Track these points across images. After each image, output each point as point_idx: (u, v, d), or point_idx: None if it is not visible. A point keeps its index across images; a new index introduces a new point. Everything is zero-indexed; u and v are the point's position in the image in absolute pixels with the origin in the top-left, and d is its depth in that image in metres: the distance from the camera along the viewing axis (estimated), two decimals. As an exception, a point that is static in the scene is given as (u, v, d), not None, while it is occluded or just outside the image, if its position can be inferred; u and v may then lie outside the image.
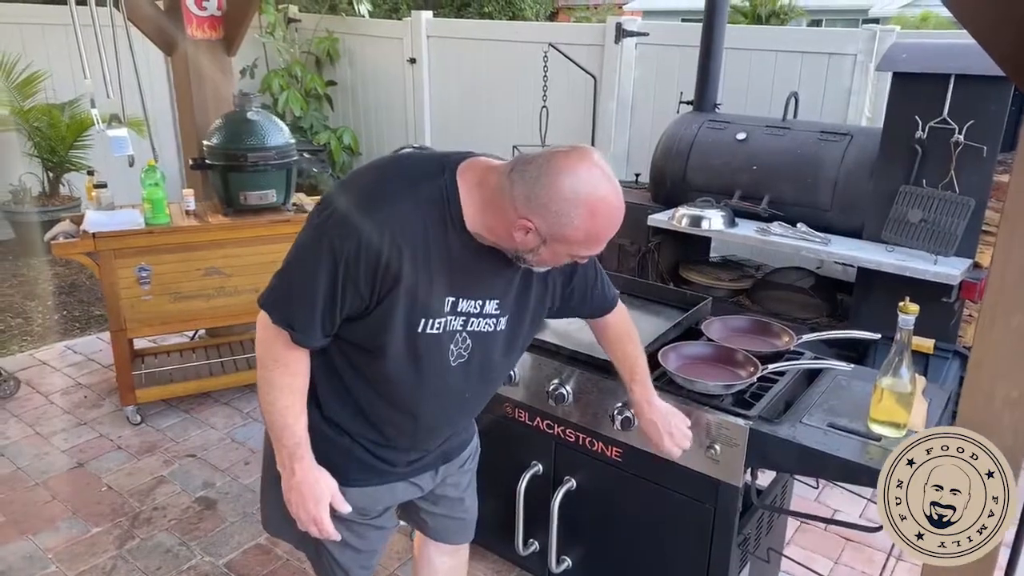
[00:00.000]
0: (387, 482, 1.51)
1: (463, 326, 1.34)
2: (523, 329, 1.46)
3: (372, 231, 1.21)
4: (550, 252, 1.24)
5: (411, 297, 1.25)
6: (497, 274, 1.35)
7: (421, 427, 1.45)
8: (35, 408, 3.35)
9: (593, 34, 5.04)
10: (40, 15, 5.81)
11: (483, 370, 1.43)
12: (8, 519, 2.60)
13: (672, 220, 3.25)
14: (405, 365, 1.33)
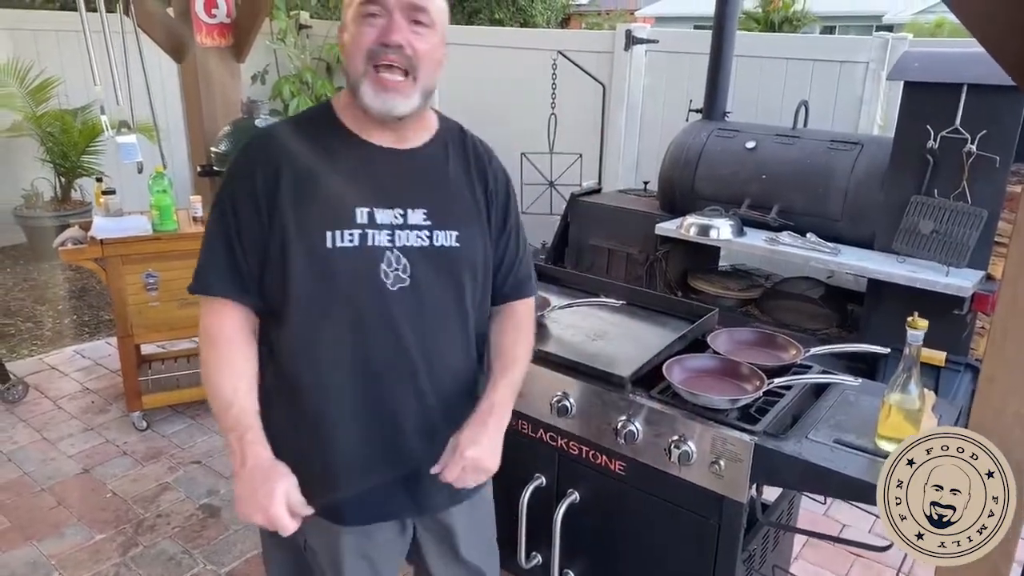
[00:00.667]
0: (345, 518, 1.33)
1: (390, 240, 1.23)
2: (479, 251, 1.33)
3: (252, 152, 1.25)
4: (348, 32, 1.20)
5: (304, 209, 1.20)
6: (413, 178, 1.28)
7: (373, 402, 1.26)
8: (43, 413, 3.36)
9: (603, 41, 5.03)
10: (54, 22, 5.87)
11: (437, 303, 1.28)
12: (13, 524, 2.60)
13: (680, 229, 3.23)
14: (327, 292, 1.21)
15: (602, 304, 2.18)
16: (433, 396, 1.32)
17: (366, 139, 1.25)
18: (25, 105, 5.31)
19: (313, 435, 1.29)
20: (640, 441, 1.73)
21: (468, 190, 1.34)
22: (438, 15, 1.23)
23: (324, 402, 1.27)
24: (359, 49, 1.17)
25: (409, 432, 1.32)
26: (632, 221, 3.62)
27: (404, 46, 1.17)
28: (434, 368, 1.31)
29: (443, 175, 1.31)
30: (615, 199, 3.95)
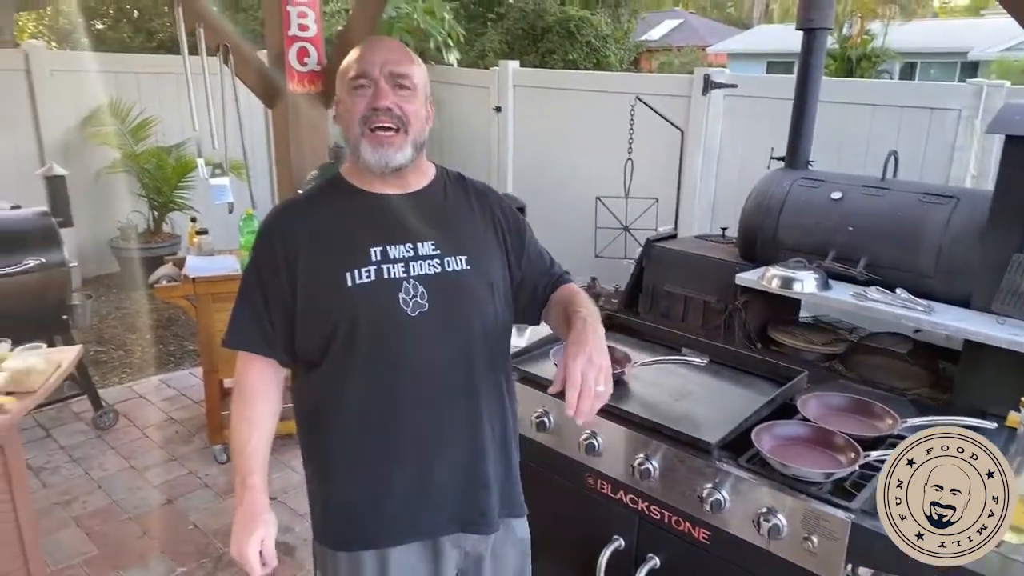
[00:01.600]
0: (386, 539, 1.41)
1: (404, 271, 1.36)
2: (494, 270, 1.45)
3: (270, 223, 1.41)
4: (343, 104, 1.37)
5: (325, 258, 1.35)
6: (418, 217, 1.41)
7: (407, 425, 1.37)
8: (131, 441, 3.50)
9: (680, 85, 5.02)
10: (155, 65, 6.25)
11: (459, 322, 1.39)
12: (102, 552, 2.70)
13: (762, 280, 3.15)
14: (357, 331, 1.32)
15: (686, 361, 2.15)
16: (471, 407, 1.42)
17: (372, 191, 1.41)
18: (125, 143, 5.65)
19: (356, 464, 1.40)
20: (727, 510, 1.68)
21: (471, 221, 1.47)
22: (418, 79, 1.39)
23: (362, 431, 1.38)
24: (354, 116, 1.34)
25: (454, 444, 1.42)
26: (710, 268, 3.55)
27: (392, 108, 1.33)
28: (468, 380, 1.41)
29: (445, 210, 1.46)
30: (692, 245, 3.88)
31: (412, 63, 1.39)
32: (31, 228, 3.33)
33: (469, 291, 1.40)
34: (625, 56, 10.90)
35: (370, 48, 1.38)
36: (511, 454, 1.56)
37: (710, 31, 23.33)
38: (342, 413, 1.38)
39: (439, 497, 1.42)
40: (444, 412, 1.40)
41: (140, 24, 12.99)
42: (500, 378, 1.50)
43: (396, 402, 1.37)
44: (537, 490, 2.16)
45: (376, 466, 1.39)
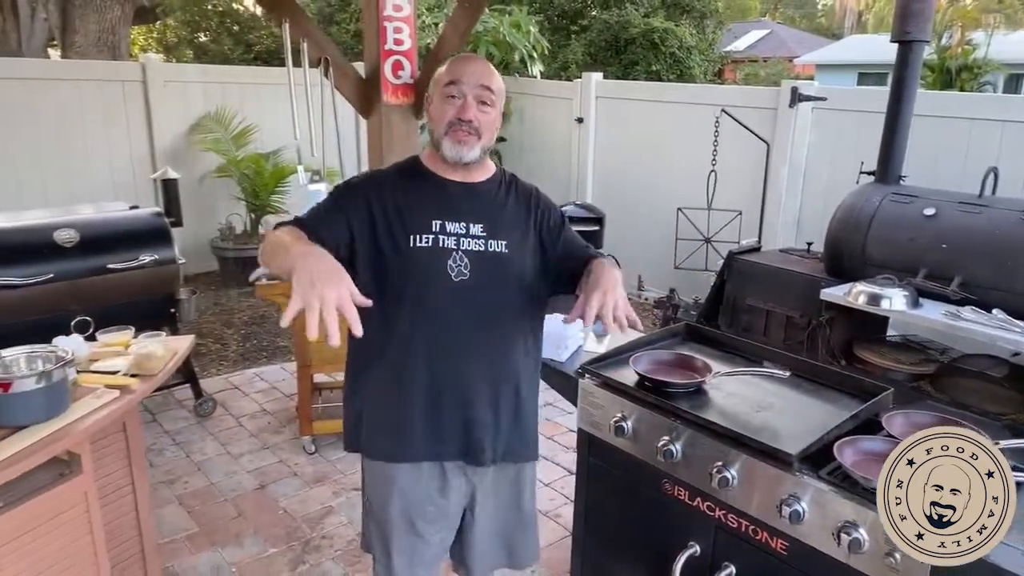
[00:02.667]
0: (406, 456, 1.70)
1: (456, 244, 1.66)
2: (526, 259, 1.74)
3: (361, 178, 1.77)
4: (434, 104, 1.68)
5: (397, 219, 1.65)
6: (474, 203, 1.72)
7: (431, 369, 1.66)
8: (227, 429, 3.73)
9: (766, 97, 4.97)
10: (256, 76, 6.64)
11: (489, 298, 1.68)
12: (202, 529, 2.90)
13: (848, 296, 3.10)
14: (408, 279, 1.63)
15: (768, 374, 2.15)
16: (490, 365, 1.72)
17: (443, 176, 1.72)
18: (227, 149, 6.00)
19: (391, 393, 1.70)
20: (806, 522, 1.68)
21: (516, 214, 1.77)
22: (498, 97, 1.70)
23: (400, 368, 1.68)
24: (443, 119, 1.65)
25: (471, 391, 1.71)
26: (794, 283, 3.52)
27: (473, 120, 1.64)
28: (490, 344, 1.71)
29: (497, 201, 1.76)
30: (776, 259, 3.85)
31: (495, 83, 1.68)
32: (147, 227, 3.61)
33: (504, 270, 1.70)
34: (709, 67, 10.78)
35: (464, 64, 1.68)
36: (522, 407, 1.83)
37: (798, 42, 22.73)
38: (381, 351, 1.68)
39: (447, 430, 1.71)
40: (464, 364, 1.69)
41: (239, 37, 13.70)
42: (521, 345, 1.79)
43: (426, 349, 1.66)
44: (614, 493, 2.21)
45: (399, 401, 1.68)
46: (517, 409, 1.81)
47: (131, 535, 2.22)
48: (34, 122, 5.48)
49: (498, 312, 1.73)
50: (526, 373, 1.83)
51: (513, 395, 1.79)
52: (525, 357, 1.82)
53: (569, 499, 3.14)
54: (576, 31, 10.66)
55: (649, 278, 5.52)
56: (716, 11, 11.97)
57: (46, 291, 3.21)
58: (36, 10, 9.38)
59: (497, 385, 1.75)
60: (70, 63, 7.20)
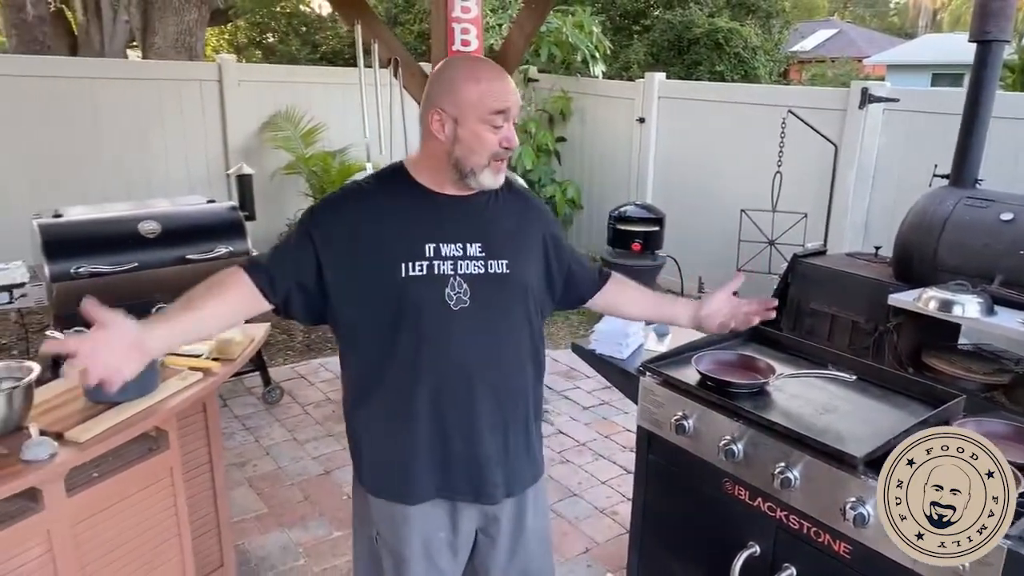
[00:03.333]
0: (414, 497, 1.56)
1: (453, 269, 1.49)
2: (530, 275, 1.60)
3: (333, 205, 1.53)
4: (468, 129, 1.46)
5: (384, 248, 1.47)
6: (470, 219, 1.54)
7: (435, 404, 1.51)
8: (294, 416, 3.87)
9: (835, 98, 4.87)
10: (324, 76, 6.84)
11: (493, 319, 1.54)
12: (271, 511, 3.03)
13: (918, 302, 3.03)
14: (402, 312, 1.46)
15: (833, 377, 2.13)
16: (497, 395, 1.57)
17: (436, 191, 1.53)
18: (296, 147, 6.20)
19: (393, 431, 1.55)
20: (871, 526, 1.67)
21: (515, 225, 1.61)
22: None
23: (401, 404, 1.52)
24: (487, 148, 1.47)
25: (479, 425, 1.56)
26: (861, 288, 3.45)
27: (512, 147, 1.50)
28: (498, 371, 1.57)
29: (495, 215, 1.58)
30: (842, 262, 3.77)
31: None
32: (223, 220, 3.77)
33: (506, 292, 1.56)
34: (774, 68, 10.58)
35: (504, 83, 1.48)
36: (532, 433, 1.70)
37: (868, 41, 22.06)
38: (380, 387, 1.53)
39: (456, 470, 1.58)
40: (470, 396, 1.54)
41: (306, 38, 14.07)
42: (529, 369, 1.65)
43: (428, 383, 1.51)
44: (673, 491, 2.22)
45: (404, 439, 1.54)
46: (528, 437, 1.68)
47: (208, 510, 2.34)
48: (117, 120, 5.77)
49: (504, 337, 1.57)
50: (535, 396, 1.69)
51: (523, 423, 1.66)
52: (534, 380, 1.68)
53: (625, 497, 3.16)
54: (638, 31, 10.60)
55: (709, 280, 5.47)
56: (783, 10, 11.73)
57: (131, 279, 3.40)
58: (118, 12, 9.84)
59: (506, 415, 1.60)
60: (152, 63, 7.54)
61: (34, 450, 1.61)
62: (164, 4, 8.16)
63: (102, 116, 5.70)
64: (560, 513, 3.08)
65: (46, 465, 1.62)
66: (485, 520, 1.69)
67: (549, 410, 4.03)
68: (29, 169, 5.47)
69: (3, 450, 1.61)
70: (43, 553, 1.67)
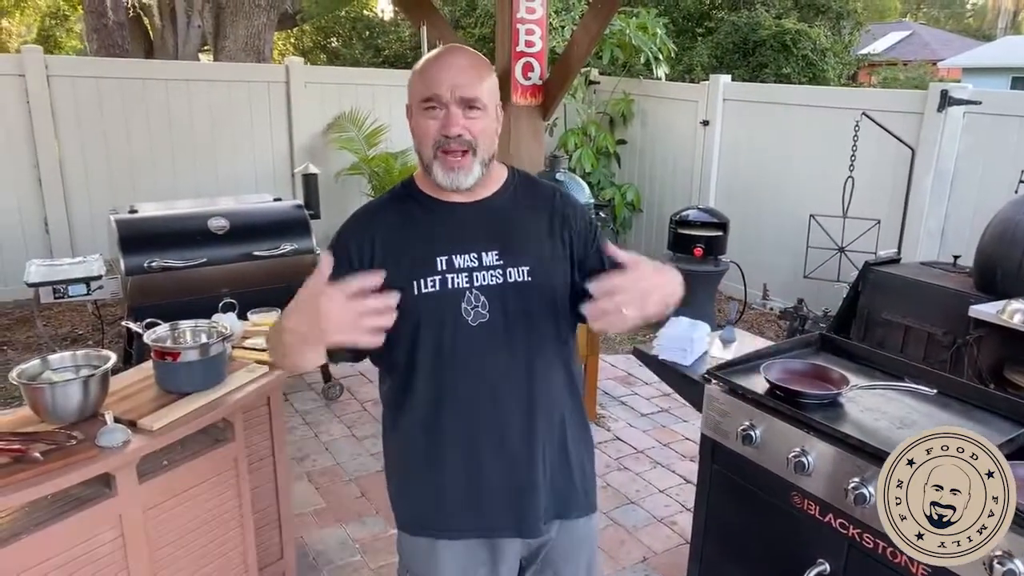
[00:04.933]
0: (449, 534, 1.45)
1: (468, 281, 1.38)
2: (556, 279, 1.44)
3: (346, 230, 1.45)
4: (414, 121, 1.38)
5: (395, 266, 1.35)
6: (483, 225, 1.43)
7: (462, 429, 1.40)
8: (353, 412, 3.92)
9: (911, 101, 4.68)
10: (387, 79, 6.93)
11: (516, 332, 1.40)
12: (329, 506, 3.06)
13: (1002, 314, 2.88)
14: (418, 331, 1.36)
15: (911, 390, 2.04)
16: (528, 414, 1.44)
17: (442, 199, 1.43)
18: (360, 148, 6.29)
19: (420, 459, 1.45)
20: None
21: (536, 225, 1.46)
22: (488, 97, 1.38)
23: (427, 430, 1.42)
24: (426, 138, 1.37)
25: (513, 449, 1.43)
26: (938, 298, 3.30)
27: (463, 133, 1.35)
28: (527, 388, 1.43)
29: (511, 217, 1.46)
30: (918, 272, 3.62)
31: (482, 82, 1.36)
32: (289, 218, 3.85)
33: (529, 302, 1.42)
34: (844, 70, 10.26)
35: (439, 67, 1.36)
36: (571, 456, 1.53)
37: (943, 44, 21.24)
38: (405, 414, 1.44)
39: (491, 499, 1.45)
40: (499, 418, 1.42)
41: (369, 42, 14.32)
42: (560, 382, 1.50)
43: (453, 407, 1.40)
44: (737, 503, 2.16)
45: (433, 466, 1.43)
46: (566, 456, 1.52)
47: (270, 502, 2.38)
48: (189, 119, 5.97)
49: (530, 349, 1.43)
50: (570, 409, 1.54)
51: (559, 439, 1.51)
52: (569, 392, 1.53)
53: (684, 507, 3.09)
54: (702, 34, 10.43)
55: (775, 287, 5.33)
56: (854, 12, 11.37)
57: (200, 273, 3.49)
58: (192, 18, 10.20)
59: (541, 434, 1.46)
60: (222, 65, 7.78)
61: (108, 436, 1.66)
62: (235, 9, 8.41)
63: (175, 116, 5.90)
64: (617, 521, 3.03)
65: (120, 451, 1.66)
66: (529, 550, 1.56)
67: (606, 416, 3.98)
68: (108, 166, 5.71)
69: (79, 435, 1.67)
70: (115, 538, 1.72)
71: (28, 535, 1.57)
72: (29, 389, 1.71)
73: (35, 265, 3.55)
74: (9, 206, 5.42)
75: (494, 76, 1.44)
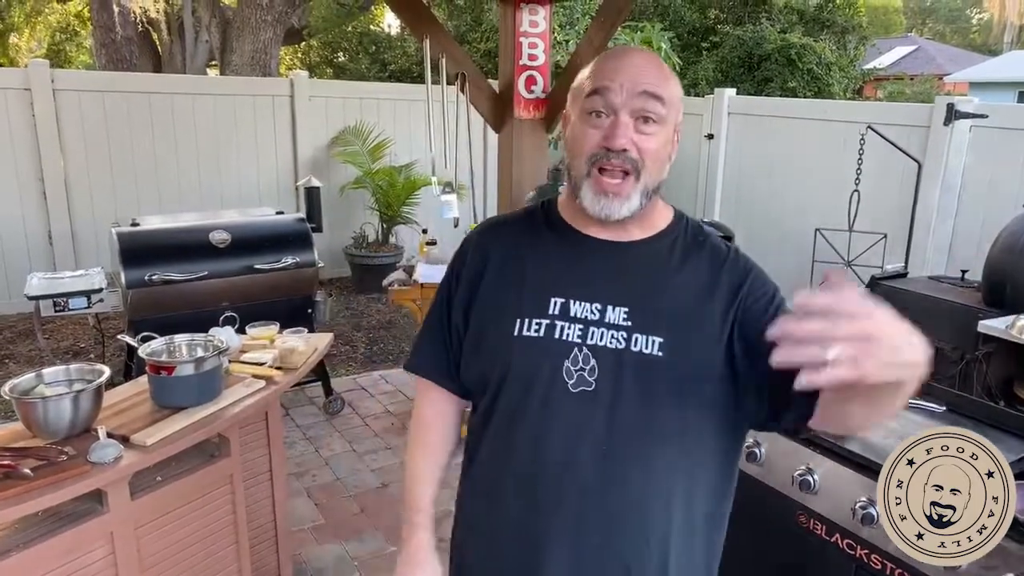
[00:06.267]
0: None
1: (581, 336, 1.09)
2: (705, 365, 1.09)
3: (473, 238, 1.27)
4: (572, 126, 1.13)
5: (502, 294, 1.16)
6: (621, 273, 1.14)
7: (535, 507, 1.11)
8: (354, 428, 3.89)
9: (917, 115, 4.66)
10: (391, 92, 6.95)
11: (625, 416, 1.08)
12: (328, 522, 3.03)
13: (1011, 329, 2.83)
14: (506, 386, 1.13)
15: (918, 407, 2.00)
16: (599, 531, 1.10)
17: (582, 231, 1.17)
18: (364, 162, 6.30)
19: (478, 520, 1.23)
20: (963, 570, 1.54)
21: (693, 293, 1.13)
22: (671, 107, 1.10)
23: (489, 490, 1.19)
24: (582, 152, 1.10)
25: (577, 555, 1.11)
26: (945, 313, 3.26)
27: (629, 149, 1.07)
28: (608, 496, 1.09)
29: (660, 272, 1.15)
30: (925, 286, 3.58)
31: (668, 85, 1.10)
32: (291, 231, 3.84)
33: (652, 385, 1.08)
34: (849, 84, 10.25)
35: (618, 60, 1.11)
36: None
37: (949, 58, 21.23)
38: (475, 461, 1.22)
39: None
40: (568, 512, 1.10)
41: (376, 56, 14.40)
42: (681, 506, 1.12)
43: (519, 476, 1.13)
44: (742, 522, 2.11)
45: (489, 528, 1.19)
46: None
47: (267, 519, 2.34)
48: (194, 133, 5.99)
49: (639, 448, 1.09)
50: (689, 556, 1.15)
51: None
52: (688, 529, 1.14)
53: (688, 525, 3.04)
54: (707, 48, 10.44)
55: (779, 302, 5.29)
56: (859, 26, 11.38)
57: (201, 287, 3.48)
58: (199, 33, 10.28)
59: (624, 561, 1.11)
60: (228, 79, 7.84)
61: (100, 452, 1.64)
62: (242, 24, 8.47)
63: (180, 129, 5.92)
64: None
65: (112, 467, 1.64)
66: None
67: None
68: (112, 179, 5.73)
69: (71, 451, 1.64)
70: (106, 555, 1.69)
71: (18, 552, 1.55)
72: (21, 404, 1.69)
73: (36, 278, 3.54)
74: (13, 219, 5.44)
75: (680, 88, 1.16)
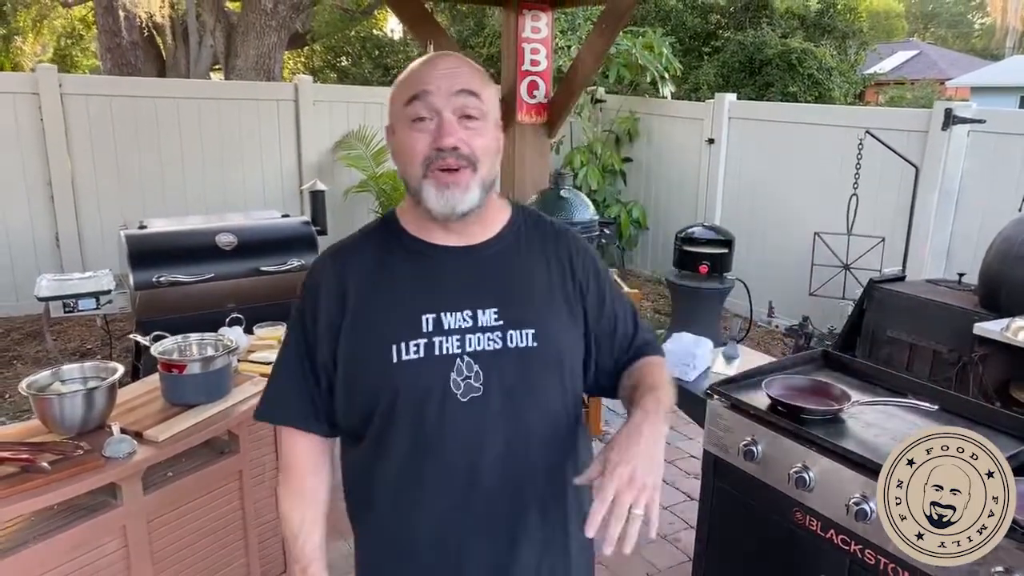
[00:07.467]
0: None
1: (460, 346, 1.12)
2: (565, 344, 1.19)
3: (316, 273, 1.21)
4: (398, 136, 1.16)
5: (370, 324, 1.14)
6: (481, 276, 1.18)
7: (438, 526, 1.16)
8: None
9: (916, 119, 4.70)
10: (396, 96, 6.98)
11: (517, 415, 1.15)
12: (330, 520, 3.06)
13: (1007, 332, 2.88)
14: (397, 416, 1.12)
15: (912, 406, 2.04)
16: (522, 507, 1.18)
17: (430, 241, 1.18)
18: (368, 166, 6.36)
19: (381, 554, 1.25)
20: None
21: (547, 279, 1.21)
22: (489, 103, 1.15)
23: (398, 535, 1.20)
24: (414, 156, 1.12)
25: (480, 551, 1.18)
26: (943, 316, 3.30)
27: (460, 146, 1.11)
28: (511, 480, 1.16)
29: (515, 268, 1.20)
30: (922, 289, 3.62)
31: (483, 85, 1.15)
32: (296, 234, 3.89)
33: (532, 373, 1.16)
34: (850, 89, 10.30)
35: (431, 69, 1.14)
36: (572, 554, 1.27)
37: (950, 63, 21.29)
38: (372, 504, 1.21)
39: None
40: (483, 514, 1.16)
41: (379, 61, 14.48)
42: (570, 467, 1.23)
43: (434, 505, 1.16)
44: (739, 519, 2.15)
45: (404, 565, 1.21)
46: (567, 558, 1.26)
47: (274, 515, 2.38)
48: (200, 137, 6.05)
49: (530, 436, 1.17)
50: (576, 504, 1.25)
51: (562, 543, 1.24)
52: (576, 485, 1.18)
53: (688, 524, 3.08)
54: (708, 53, 10.50)
55: (780, 305, 5.33)
56: (860, 31, 11.43)
57: (208, 288, 3.53)
58: (204, 38, 10.36)
59: (528, 536, 1.19)
60: (232, 84, 7.89)
61: (115, 447, 1.68)
62: (246, 29, 8.54)
63: (186, 133, 5.98)
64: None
65: (125, 462, 1.68)
66: None
67: (610, 432, 3.98)
68: (119, 183, 5.79)
69: (86, 446, 1.69)
70: (119, 548, 1.74)
71: (34, 544, 1.59)
72: (38, 400, 1.74)
73: (46, 279, 3.60)
74: (22, 221, 5.50)
75: (495, 86, 1.22)
